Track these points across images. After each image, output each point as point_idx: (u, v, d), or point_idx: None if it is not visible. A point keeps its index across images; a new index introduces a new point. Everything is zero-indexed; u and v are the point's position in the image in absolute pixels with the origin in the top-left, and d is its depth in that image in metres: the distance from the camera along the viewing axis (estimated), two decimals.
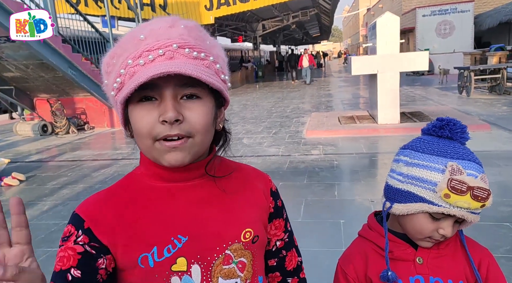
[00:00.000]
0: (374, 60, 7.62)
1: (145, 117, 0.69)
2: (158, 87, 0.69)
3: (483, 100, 10.50)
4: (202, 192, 0.79)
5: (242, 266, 0.78)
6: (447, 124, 0.91)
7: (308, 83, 19.82)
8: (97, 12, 16.20)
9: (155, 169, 0.77)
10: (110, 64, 0.74)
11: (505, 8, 18.66)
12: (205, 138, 0.74)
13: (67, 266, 0.70)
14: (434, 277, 0.93)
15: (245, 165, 0.93)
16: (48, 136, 9.84)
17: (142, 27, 0.72)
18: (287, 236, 0.93)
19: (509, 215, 3.53)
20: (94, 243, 0.72)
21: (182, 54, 0.68)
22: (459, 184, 0.84)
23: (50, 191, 5.21)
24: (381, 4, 33.11)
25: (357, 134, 7.36)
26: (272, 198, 0.90)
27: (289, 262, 0.93)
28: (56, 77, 9.14)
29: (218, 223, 0.77)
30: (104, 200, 0.77)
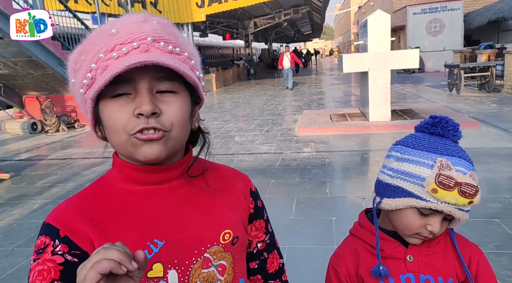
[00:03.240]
0: (365, 58, 7.65)
1: (119, 112, 0.66)
2: (132, 81, 0.66)
3: (473, 97, 10.61)
4: (179, 194, 0.76)
5: (222, 269, 0.75)
6: (439, 121, 0.92)
7: (290, 88, 16.26)
8: (87, 9, 16.03)
9: (129, 171, 0.74)
10: (78, 61, 0.71)
11: (494, 6, 18.86)
12: (181, 133, 0.72)
13: (48, 280, 0.65)
14: (425, 275, 0.94)
15: (222, 166, 0.90)
16: (38, 134, 9.73)
17: (112, 23, 0.69)
18: (268, 238, 0.91)
19: (498, 211, 3.57)
20: (74, 250, 0.67)
21: (157, 47, 0.67)
22: (447, 179, 0.84)
23: (40, 189, 5.16)
24: (372, 2, 33.27)
25: (348, 132, 7.39)
26: (252, 198, 0.88)
27: (270, 265, 0.91)
28: (45, 75, 9.03)
29: (196, 225, 0.74)
30: (76, 206, 0.72)
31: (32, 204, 4.58)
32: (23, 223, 4.03)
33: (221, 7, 16.98)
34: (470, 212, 0.91)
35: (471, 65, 11.84)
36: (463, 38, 20.25)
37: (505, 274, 2.59)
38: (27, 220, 4.09)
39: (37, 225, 3.94)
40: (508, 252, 2.89)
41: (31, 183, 5.47)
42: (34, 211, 4.37)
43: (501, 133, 6.56)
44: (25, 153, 7.73)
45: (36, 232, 3.56)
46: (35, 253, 0.68)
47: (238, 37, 30.24)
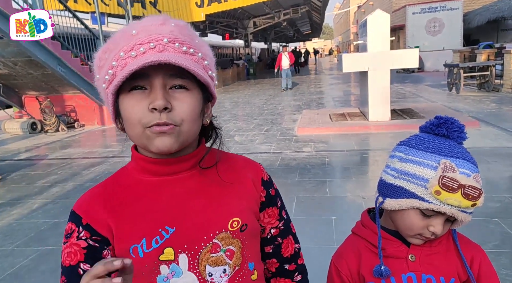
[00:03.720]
0: (365, 58, 7.66)
1: (135, 106, 0.73)
2: (148, 77, 0.72)
3: (472, 97, 10.62)
4: (190, 184, 0.82)
5: (230, 253, 0.81)
6: (444, 122, 0.91)
7: (288, 88, 15.82)
8: (86, 8, 16.03)
9: (144, 163, 0.81)
10: (102, 59, 0.77)
11: (493, 6, 18.87)
12: (192, 127, 0.77)
13: (75, 261, 0.75)
14: (427, 275, 0.94)
15: (236, 156, 0.96)
16: (37, 134, 9.73)
17: (134, 24, 0.76)
18: (283, 224, 0.95)
19: (497, 210, 3.57)
20: (95, 236, 0.77)
21: (172, 48, 0.73)
22: (451, 181, 0.84)
23: (40, 189, 5.15)
24: (371, 1, 33.26)
25: (348, 131, 7.39)
26: (263, 187, 0.91)
27: (285, 249, 0.96)
28: (45, 74, 9.03)
29: (205, 213, 0.80)
30: (97, 196, 0.81)
31: (31, 204, 4.58)
32: (22, 223, 4.03)
33: (220, 7, 16.98)
34: None
35: (470, 64, 11.84)
36: (462, 37, 20.26)
37: (505, 273, 2.60)
38: (27, 220, 4.09)
39: (36, 225, 3.94)
40: (507, 251, 2.89)
41: (31, 183, 5.46)
42: (34, 211, 4.37)
43: (500, 132, 6.56)
44: (24, 153, 7.73)
45: (36, 232, 3.59)
46: (65, 237, 0.79)
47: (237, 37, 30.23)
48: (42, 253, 3.33)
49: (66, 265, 0.76)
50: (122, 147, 7.56)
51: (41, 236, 3.69)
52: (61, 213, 4.25)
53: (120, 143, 8.03)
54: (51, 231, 3.77)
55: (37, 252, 3.35)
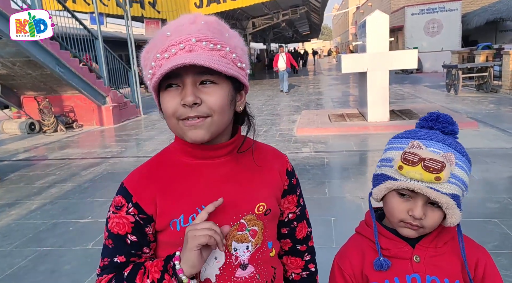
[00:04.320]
0: (364, 58, 7.66)
1: (170, 101, 0.83)
2: (179, 76, 0.81)
3: (471, 98, 10.64)
4: (225, 169, 0.92)
5: (253, 233, 0.92)
6: (431, 115, 0.95)
7: (285, 91, 15.24)
8: (85, 9, 16.01)
9: (186, 146, 0.91)
10: (146, 58, 0.87)
11: (492, 7, 18.92)
12: (223, 117, 0.85)
13: (123, 232, 0.88)
14: (431, 276, 0.93)
15: (266, 146, 1.05)
16: (36, 134, 9.71)
17: (169, 25, 0.85)
18: (299, 210, 1.07)
19: (496, 211, 3.58)
20: (142, 214, 0.88)
21: (200, 47, 0.80)
22: (411, 155, 0.86)
23: (38, 190, 5.14)
24: (370, 2, 33.30)
25: (347, 132, 7.40)
26: (287, 177, 1.02)
27: (299, 232, 1.08)
28: (43, 75, 9.01)
29: (236, 197, 0.91)
30: (146, 175, 0.93)
31: (30, 205, 4.57)
32: (21, 223, 4.02)
33: (219, 7, 16.98)
34: (469, 212, 0.91)
35: (469, 65, 11.86)
36: (461, 38, 20.29)
37: (504, 274, 2.60)
38: (26, 221, 4.08)
39: (35, 225, 3.93)
40: (506, 252, 2.89)
41: (29, 184, 5.45)
42: (33, 211, 4.35)
43: (499, 133, 6.58)
44: (23, 153, 7.71)
45: (34, 233, 3.57)
46: (114, 207, 0.90)
47: None
48: (41, 254, 3.32)
49: (114, 232, 0.88)
50: (121, 148, 7.56)
51: (40, 236, 3.67)
52: (59, 213, 4.24)
53: (119, 144, 8.03)
54: (49, 232, 3.76)
55: (36, 253, 3.34)
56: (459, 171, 0.87)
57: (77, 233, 3.71)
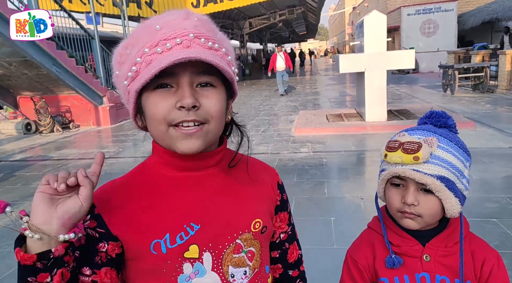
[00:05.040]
0: (362, 58, 7.67)
1: (161, 103, 0.71)
2: (174, 75, 0.71)
3: (467, 98, 10.68)
4: (214, 182, 0.81)
5: (251, 255, 0.80)
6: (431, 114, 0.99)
7: (283, 93, 14.41)
8: (81, 8, 15.95)
9: (169, 158, 0.78)
10: (123, 54, 0.75)
11: (487, 7, 19.00)
12: (219, 125, 0.76)
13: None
14: (441, 276, 0.93)
15: (252, 158, 0.94)
16: (32, 135, 9.66)
17: (155, 19, 0.74)
18: (290, 229, 0.96)
19: (495, 211, 3.59)
20: (101, 229, 0.74)
21: (198, 44, 0.71)
22: (393, 142, 0.92)
23: (36, 190, 5.10)
24: (366, 3, 33.39)
25: (345, 132, 7.40)
26: (279, 191, 0.93)
27: (290, 255, 0.96)
28: (40, 75, 8.97)
29: (230, 212, 0.79)
30: (119, 189, 0.79)
31: (28, 206, 4.51)
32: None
33: (216, 7, 16.97)
34: (468, 212, 0.93)
35: (465, 65, 11.91)
36: (456, 39, 20.38)
37: None
38: None
39: None
40: (507, 251, 2.91)
41: (26, 184, 5.42)
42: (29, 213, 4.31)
43: (496, 133, 6.61)
44: (19, 153, 7.66)
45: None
46: None
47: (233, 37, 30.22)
48: None
49: None
50: (118, 148, 7.53)
51: None
52: None
53: (116, 144, 8.00)
54: None
55: None
56: (443, 152, 0.89)
57: None
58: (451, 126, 0.96)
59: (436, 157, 0.88)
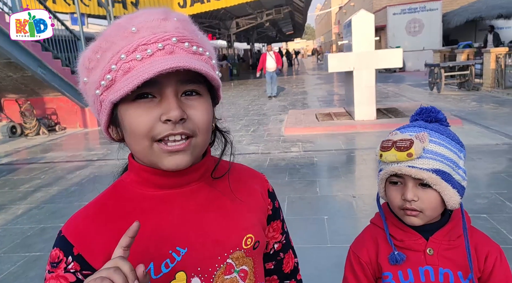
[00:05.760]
0: (350, 58, 7.72)
1: (142, 116, 0.63)
2: (157, 84, 0.63)
3: (453, 96, 10.84)
4: (199, 197, 0.73)
5: (244, 274, 0.74)
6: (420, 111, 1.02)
7: (274, 95, 13.64)
8: (65, 9, 15.75)
9: (147, 175, 0.71)
10: (92, 59, 0.66)
11: (471, 6, 19.30)
12: (206, 138, 0.70)
13: None
14: (444, 269, 0.95)
15: (239, 165, 0.87)
16: (17, 138, 9.49)
17: (130, 19, 0.66)
18: (284, 238, 0.90)
19: (485, 206, 3.65)
20: (86, 271, 0.66)
21: (182, 49, 0.64)
22: (386, 142, 0.94)
23: (24, 194, 5.02)
24: (352, 2, 33.62)
25: (335, 131, 7.44)
26: (270, 199, 0.85)
27: (286, 265, 0.91)
28: (25, 77, 8.81)
29: (218, 230, 0.72)
30: (93, 217, 0.70)
31: (16, 210, 4.45)
32: (8, 228, 3.91)
33: (203, 7, 16.91)
34: None
35: (451, 64, 12.08)
36: (441, 37, 20.66)
37: None
38: (12, 226, 3.97)
39: (22, 230, 3.83)
40: None
41: (14, 188, 5.32)
42: (19, 216, 4.24)
43: (483, 130, 6.71)
44: (5, 157, 7.51)
45: (22, 238, 3.48)
46: (50, 264, 0.68)
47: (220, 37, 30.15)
48: (30, 259, 3.24)
49: None
50: (107, 150, 7.44)
51: (28, 241, 3.58)
52: (46, 218, 4.14)
53: (104, 146, 7.90)
54: (37, 237, 3.67)
55: (25, 258, 3.25)
56: (436, 146, 0.91)
57: None
58: (442, 120, 0.99)
59: (429, 151, 0.90)
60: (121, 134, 0.70)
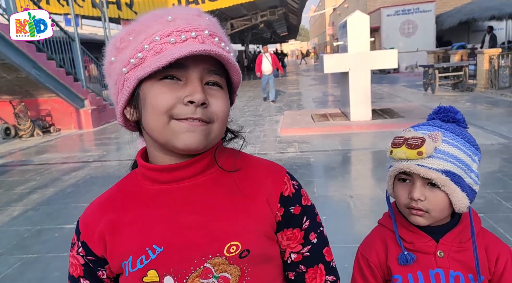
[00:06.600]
0: (346, 58, 7.74)
1: (167, 94, 0.67)
2: (185, 68, 0.67)
3: (448, 96, 10.91)
4: (191, 195, 0.72)
5: (224, 281, 0.70)
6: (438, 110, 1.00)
7: (272, 100, 12.61)
8: (59, 10, 15.66)
9: (145, 170, 0.75)
10: (125, 40, 0.70)
11: (464, 7, 19.44)
12: (222, 127, 0.73)
13: (77, 274, 0.77)
14: (455, 271, 0.93)
15: (258, 161, 0.82)
16: (12, 140, 9.41)
17: (166, 10, 0.71)
18: (309, 250, 0.79)
19: (482, 206, 3.67)
20: (90, 256, 0.75)
21: (212, 42, 0.69)
22: (398, 138, 0.93)
23: (19, 196, 4.98)
24: (346, 4, 33.76)
25: (331, 132, 7.45)
26: (281, 204, 0.76)
27: (311, 280, 0.79)
28: (19, 78, 8.75)
29: (199, 233, 0.70)
30: (98, 207, 0.78)
31: (12, 211, 4.42)
32: (4, 230, 3.88)
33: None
34: None
35: (445, 65, 12.16)
36: (435, 39, 20.80)
37: None
38: (8, 228, 3.94)
39: (18, 232, 3.80)
40: None
41: (9, 190, 5.27)
42: (15, 218, 4.21)
43: (477, 130, 6.75)
44: None
45: (18, 240, 3.45)
46: (71, 244, 0.79)
47: None
48: (27, 261, 3.21)
49: (70, 273, 0.79)
50: (102, 151, 7.40)
51: (24, 243, 3.55)
52: (43, 220, 4.11)
53: (100, 147, 7.86)
54: (34, 239, 3.64)
55: (22, 260, 3.22)
56: (448, 147, 0.89)
57: (63, 239, 3.60)
58: (460, 121, 0.97)
59: (441, 151, 0.88)
60: (136, 115, 0.72)
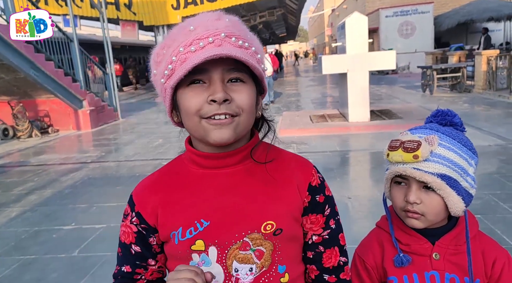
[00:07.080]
0: (344, 59, 7.76)
1: (194, 97, 0.77)
2: (207, 72, 0.76)
3: (446, 97, 10.94)
4: (234, 180, 0.84)
5: (259, 254, 0.82)
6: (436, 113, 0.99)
7: (270, 100, 12.50)
8: (57, 11, 15.64)
9: (193, 156, 0.86)
10: (160, 54, 0.81)
11: (462, 9, 19.50)
12: (250, 118, 0.81)
13: (128, 241, 0.88)
14: (450, 274, 0.93)
15: (288, 154, 0.94)
16: (10, 140, 9.38)
17: (191, 20, 0.79)
18: (328, 234, 0.90)
19: (479, 207, 3.68)
20: (144, 225, 0.86)
21: (229, 43, 0.76)
22: (394, 141, 0.94)
23: (17, 197, 4.97)
24: (345, 5, 33.83)
25: (329, 132, 7.46)
26: (309, 192, 0.87)
27: (327, 259, 0.90)
28: (17, 79, 8.73)
29: (241, 211, 0.82)
30: (152, 184, 0.90)
31: (10, 212, 4.41)
32: (2, 231, 3.87)
33: (197, 9, 16.85)
34: None
35: (443, 66, 12.19)
36: (433, 40, 20.85)
37: None
38: (6, 229, 3.93)
39: (16, 233, 3.80)
40: None
41: (7, 191, 5.26)
42: (13, 219, 4.20)
43: (475, 131, 6.77)
44: None
45: (16, 241, 3.45)
46: (123, 215, 0.90)
47: None
48: (25, 262, 3.21)
49: (121, 241, 0.89)
50: (100, 152, 7.40)
51: (22, 244, 3.55)
52: (41, 221, 4.10)
53: (98, 148, 7.85)
54: (32, 240, 3.64)
55: (19, 262, 3.22)
56: (444, 151, 0.89)
57: (61, 241, 3.60)
58: (457, 124, 0.97)
59: (437, 155, 0.88)
60: (180, 117, 0.84)
